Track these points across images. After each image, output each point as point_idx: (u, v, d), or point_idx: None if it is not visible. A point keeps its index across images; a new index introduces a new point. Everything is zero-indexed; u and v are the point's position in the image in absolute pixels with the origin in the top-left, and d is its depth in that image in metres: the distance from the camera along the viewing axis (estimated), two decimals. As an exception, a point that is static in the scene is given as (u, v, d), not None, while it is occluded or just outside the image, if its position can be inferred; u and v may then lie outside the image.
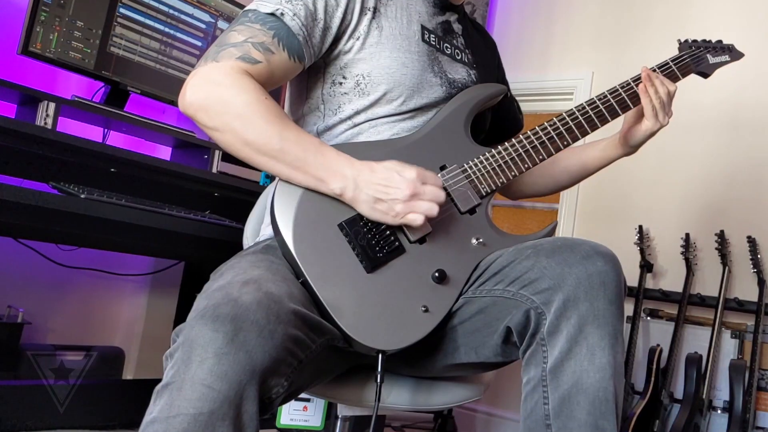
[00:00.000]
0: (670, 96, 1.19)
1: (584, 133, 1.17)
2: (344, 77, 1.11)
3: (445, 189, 1.07)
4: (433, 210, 0.98)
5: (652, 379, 2.33)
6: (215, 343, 0.78)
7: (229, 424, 0.77)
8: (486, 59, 1.30)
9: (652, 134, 1.22)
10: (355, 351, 0.98)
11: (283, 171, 0.99)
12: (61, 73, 2.03)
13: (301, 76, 1.16)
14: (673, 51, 1.33)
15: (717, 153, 2.52)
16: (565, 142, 1.16)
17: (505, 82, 1.38)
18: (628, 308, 2.44)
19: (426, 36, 1.16)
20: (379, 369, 0.96)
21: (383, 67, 1.09)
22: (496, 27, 3.17)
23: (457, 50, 1.22)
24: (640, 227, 2.54)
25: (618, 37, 2.82)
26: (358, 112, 1.12)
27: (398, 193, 0.97)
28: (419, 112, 1.13)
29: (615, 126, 1.27)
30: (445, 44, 1.20)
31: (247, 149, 0.98)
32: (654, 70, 1.22)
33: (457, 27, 1.26)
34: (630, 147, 1.26)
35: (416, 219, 0.98)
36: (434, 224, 1.03)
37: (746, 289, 2.37)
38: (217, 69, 0.99)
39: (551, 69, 3.00)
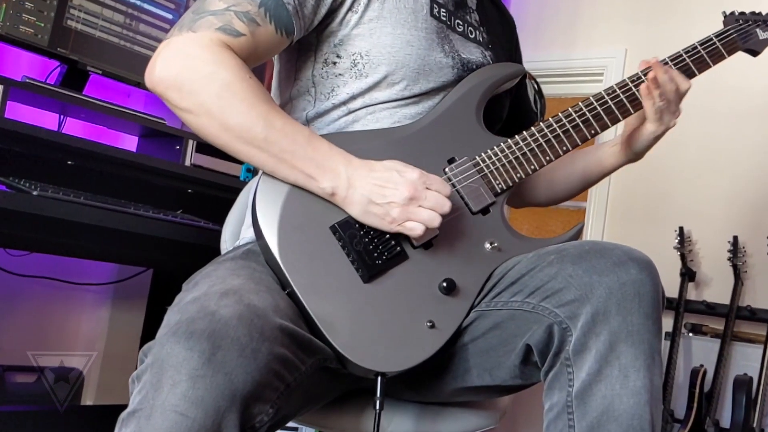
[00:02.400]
0: (680, 95, 1.17)
1: (614, 120, 1.18)
2: (339, 56, 1.12)
3: (453, 186, 1.08)
4: (434, 221, 0.99)
5: (695, 404, 2.33)
6: (189, 364, 0.78)
7: (205, 458, 0.77)
8: (502, 39, 1.30)
9: (657, 138, 1.21)
10: (351, 373, 0.98)
11: (267, 163, 1.00)
12: (9, 50, 2.03)
13: (290, 54, 1.16)
14: (718, 25, 1.33)
15: (770, 143, 2.52)
16: (593, 131, 1.16)
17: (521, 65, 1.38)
18: (667, 323, 2.45)
19: (435, 10, 1.16)
20: (378, 394, 0.96)
21: (384, 45, 1.10)
22: (514, -3, 3.17)
23: (470, 27, 1.22)
24: (681, 229, 2.54)
25: (655, 8, 2.82)
26: (354, 97, 1.12)
27: (396, 195, 0.98)
28: (425, 97, 1.14)
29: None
30: (457, 20, 1.20)
31: (225, 136, 0.98)
32: (694, 48, 1.23)
33: (471, 1, 1.26)
34: (633, 153, 1.25)
35: (415, 228, 0.98)
36: (441, 226, 1.03)
37: (804, 301, 2.38)
38: (193, 40, 0.99)
39: (578, 46, 3.00)
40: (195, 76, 0.97)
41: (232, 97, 0.97)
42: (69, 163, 1.64)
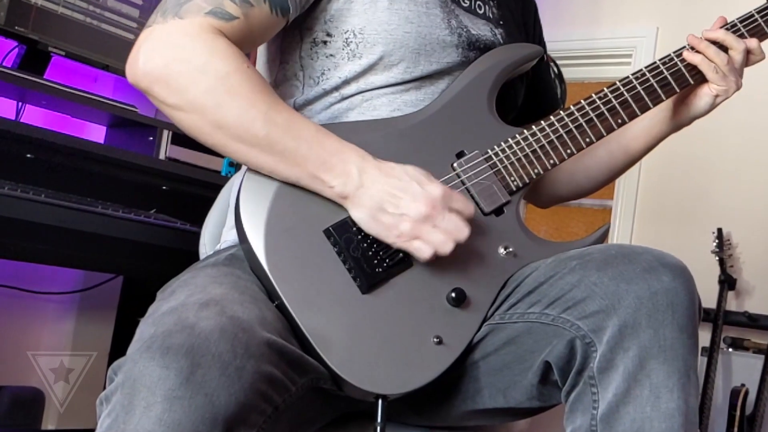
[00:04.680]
0: (740, 53, 1.18)
1: (644, 108, 1.18)
2: (329, 34, 1.12)
3: (463, 183, 1.08)
4: (446, 247, 0.98)
5: (735, 429, 2.33)
6: (165, 384, 0.78)
7: (183, 490, 0.77)
8: (516, 13, 1.31)
9: (719, 101, 1.20)
10: (348, 395, 0.98)
11: (268, 164, 1.00)
12: (-39, 29, 2.03)
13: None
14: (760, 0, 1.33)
15: (820, 134, 2.53)
16: (620, 120, 1.16)
17: (541, 41, 1.39)
18: (704, 337, 2.45)
19: (438, -18, 1.16)
20: (379, 418, 0.96)
21: (380, 22, 1.10)
22: (530, -32, 3.18)
23: (478, 2, 1.23)
24: (719, 231, 2.55)
25: (690, -19, 2.83)
26: (347, 81, 1.12)
27: (411, 209, 0.98)
28: (427, 81, 1.14)
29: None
30: (464, -7, 1.20)
31: (219, 135, 0.99)
32: (734, 26, 1.23)
33: (480, -30, 1.26)
34: (688, 118, 1.24)
35: (422, 250, 0.98)
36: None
37: None
38: (182, 28, 0.99)
39: (603, 24, 3.00)
40: (185, 68, 0.97)
41: (227, 92, 0.97)
42: (28, 156, 1.64)
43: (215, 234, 1.30)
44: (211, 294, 0.88)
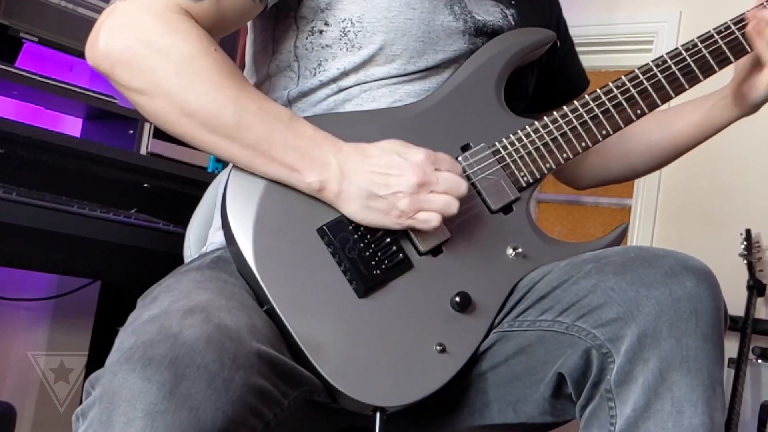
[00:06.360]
0: None
1: (665, 97, 1.18)
2: (326, 23, 1.12)
3: (468, 178, 1.08)
4: (452, 206, 0.99)
5: (765, 446, 2.33)
6: (147, 397, 0.78)
7: None
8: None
9: None
10: (344, 408, 0.98)
11: (240, 156, 1.00)
12: (-75, 13, 2.03)
13: (266, 21, 1.17)
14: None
15: None
16: (639, 110, 1.17)
17: (560, 21, 1.38)
18: (731, 347, 2.45)
19: (442, -38, 1.16)
20: (377, 433, 0.96)
21: (380, 8, 1.10)
22: (542, -53, 3.18)
23: (488, -21, 1.23)
24: (748, 232, 2.55)
25: (716, -39, 2.83)
26: (346, 73, 1.12)
27: (401, 183, 0.98)
28: (433, 71, 1.14)
29: (699, 90, 1.27)
30: (470, -27, 1.20)
31: (186, 123, 0.99)
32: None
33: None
34: (749, 106, 1.24)
35: (429, 219, 0.99)
36: (453, 228, 1.04)
37: None
38: (145, 7, 0.99)
39: (623, 8, 3.00)
40: (148, 50, 0.97)
41: (194, 75, 0.97)
42: (-2, 151, 1.64)
43: (201, 235, 1.30)
44: (196, 300, 0.88)
